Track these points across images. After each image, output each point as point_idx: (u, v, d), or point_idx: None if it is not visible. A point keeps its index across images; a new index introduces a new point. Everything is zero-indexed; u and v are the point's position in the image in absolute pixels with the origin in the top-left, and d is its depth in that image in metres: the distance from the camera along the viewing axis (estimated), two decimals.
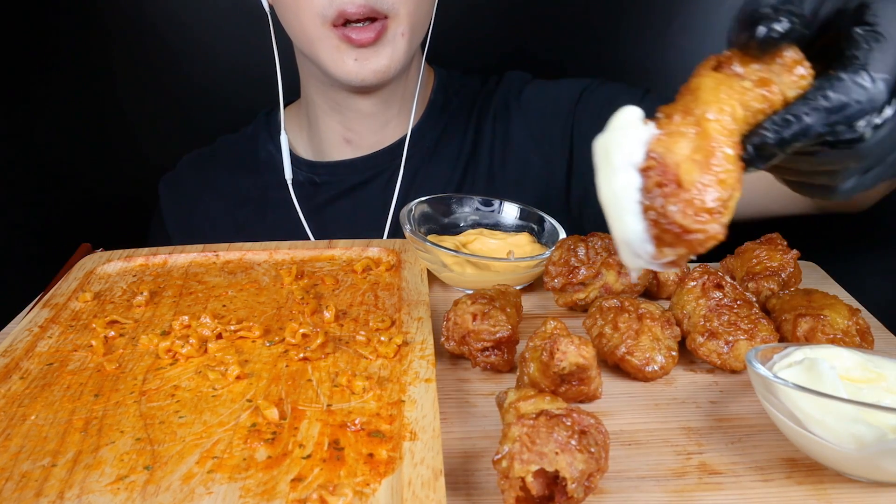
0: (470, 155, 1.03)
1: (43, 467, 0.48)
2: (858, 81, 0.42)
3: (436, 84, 1.06)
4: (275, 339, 0.63)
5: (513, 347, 0.62)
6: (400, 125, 1.02)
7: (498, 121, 1.04)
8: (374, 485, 0.46)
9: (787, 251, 0.71)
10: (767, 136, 0.43)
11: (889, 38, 0.42)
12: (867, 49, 0.42)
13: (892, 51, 0.42)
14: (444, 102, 1.05)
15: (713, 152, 0.41)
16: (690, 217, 0.41)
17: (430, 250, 0.73)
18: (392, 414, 0.52)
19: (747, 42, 0.43)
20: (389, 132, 1.02)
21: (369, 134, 1.02)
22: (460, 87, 1.07)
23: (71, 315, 0.68)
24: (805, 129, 0.42)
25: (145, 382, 0.57)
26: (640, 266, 0.44)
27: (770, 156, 0.43)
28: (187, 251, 0.78)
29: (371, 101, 0.98)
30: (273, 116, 1.09)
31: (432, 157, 1.03)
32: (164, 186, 1.11)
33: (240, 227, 1.05)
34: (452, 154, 1.03)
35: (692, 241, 0.41)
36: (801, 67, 0.43)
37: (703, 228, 0.41)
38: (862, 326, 0.62)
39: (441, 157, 1.03)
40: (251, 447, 0.49)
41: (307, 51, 0.92)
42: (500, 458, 0.44)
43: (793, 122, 0.42)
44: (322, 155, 1.05)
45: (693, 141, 0.42)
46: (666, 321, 0.62)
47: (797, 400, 0.48)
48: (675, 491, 0.48)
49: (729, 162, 0.42)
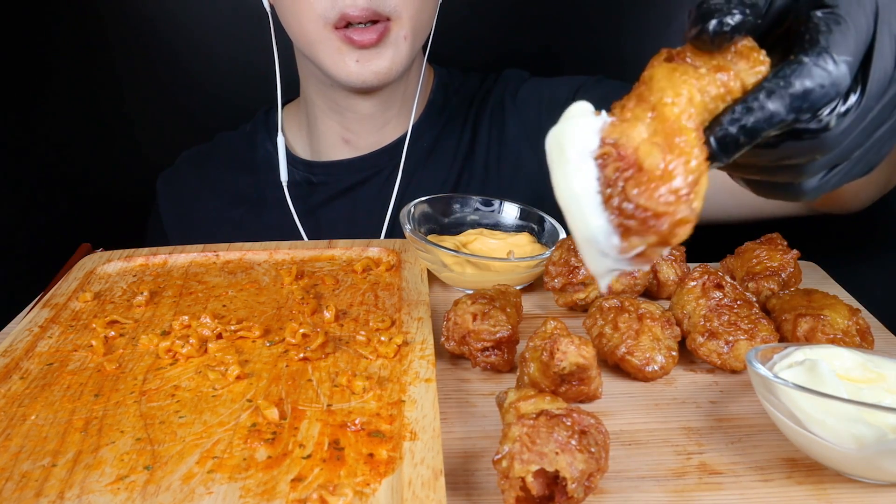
0: (466, 154, 1.03)
1: (43, 467, 0.48)
2: (821, 65, 0.40)
3: (435, 83, 1.06)
4: (275, 339, 0.63)
5: (513, 347, 0.62)
6: (398, 125, 1.02)
7: (494, 119, 1.04)
8: (374, 485, 0.46)
9: (788, 251, 0.71)
10: (729, 127, 0.41)
11: (849, 20, 0.41)
12: (828, 32, 0.41)
13: (852, 33, 0.41)
14: (443, 102, 1.05)
15: (674, 133, 0.39)
16: (655, 199, 0.38)
17: (430, 250, 0.73)
18: (392, 414, 0.52)
19: (699, 36, 0.42)
20: (388, 132, 1.02)
21: (368, 134, 1.02)
22: (460, 86, 1.07)
23: (71, 315, 0.68)
24: (769, 115, 0.40)
25: (145, 382, 0.57)
26: (608, 267, 0.42)
27: (734, 146, 0.41)
28: (187, 251, 0.78)
29: (371, 101, 0.98)
30: (272, 115, 1.09)
31: (429, 157, 1.03)
32: (162, 183, 1.11)
33: (236, 226, 1.05)
34: (449, 154, 1.03)
35: (660, 227, 0.39)
36: (757, 54, 0.42)
37: (671, 211, 0.38)
38: (862, 326, 0.62)
39: (438, 157, 1.03)
40: (251, 447, 0.49)
41: (308, 52, 0.92)
42: (500, 458, 0.44)
43: (755, 109, 0.40)
44: (320, 155, 1.05)
45: (650, 125, 0.40)
46: (666, 321, 0.62)
47: (797, 400, 0.48)
48: (675, 491, 0.48)
49: (692, 143, 0.39)
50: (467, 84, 1.08)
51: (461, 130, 1.04)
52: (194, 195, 1.09)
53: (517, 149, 1.03)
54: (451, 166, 1.03)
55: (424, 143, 1.03)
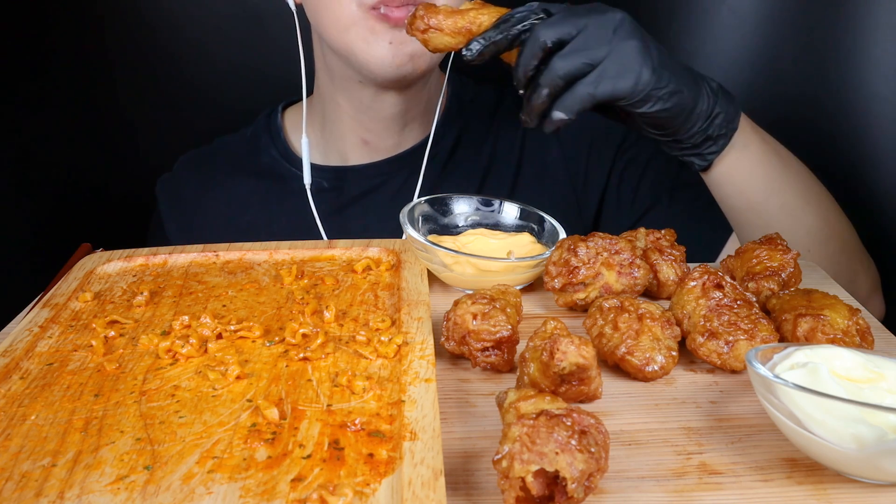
0: (487, 167, 1.03)
1: (43, 467, 0.48)
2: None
3: (450, 91, 1.06)
4: (275, 339, 0.63)
5: (513, 347, 0.62)
6: (417, 128, 1.02)
7: (528, 138, 1.05)
8: (374, 485, 0.46)
9: (788, 251, 0.71)
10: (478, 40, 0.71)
11: None
12: None
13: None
14: (458, 110, 1.05)
15: (460, 13, 0.74)
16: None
17: (430, 250, 0.73)
18: (392, 414, 0.52)
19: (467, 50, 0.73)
20: (407, 136, 1.02)
21: (388, 136, 1.01)
22: (474, 95, 1.07)
23: (71, 315, 0.68)
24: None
25: (145, 382, 0.57)
26: None
27: (484, 42, 0.71)
28: (187, 251, 0.78)
29: (397, 99, 0.97)
30: (273, 119, 1.08)
31: (446, 167, 1.03)
32: (162, 188, 1.10)
33: (243, 231, 1.03)
34: (468, 165, 1.03)
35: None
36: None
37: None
38: (862, 326, 0.62)
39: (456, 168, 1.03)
40: (251, 447, 0.49)
41: (340, 41, 0.90)
42: (500, 458, 0.44)
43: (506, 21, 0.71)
44: (334, 157, 1.04)
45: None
46: (666, 321, 0.62)
47: (797, 400, 0.48)
48: (675, 491, 0.48)
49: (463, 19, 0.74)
50: (483, 95, 1.08)
51: (481, 143, 1.04)
52: (197, 201, 1.07)
53: (555, 175, 1.04)
54: (469, 177, 1.03)
55: (442, 152, 1.03)
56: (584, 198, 1.04)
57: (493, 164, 1.04)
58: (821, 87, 1.06)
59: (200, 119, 1.27)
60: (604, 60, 0.70)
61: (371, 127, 1.00)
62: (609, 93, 0.70)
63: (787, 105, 1.10)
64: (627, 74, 0.70)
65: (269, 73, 1.26)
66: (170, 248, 0.79)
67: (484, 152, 1.04)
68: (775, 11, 1.13)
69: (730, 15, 1.18)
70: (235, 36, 1.26)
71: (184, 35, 1.27)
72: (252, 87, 1.27)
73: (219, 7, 1.26)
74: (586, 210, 1.04)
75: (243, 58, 1.27)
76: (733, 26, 1.17)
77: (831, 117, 1.05)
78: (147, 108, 1.29)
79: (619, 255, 0.69)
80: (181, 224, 1.08)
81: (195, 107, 1.29)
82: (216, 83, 1.29)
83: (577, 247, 0.70)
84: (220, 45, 1.27)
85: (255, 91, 1.25)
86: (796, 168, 0.85)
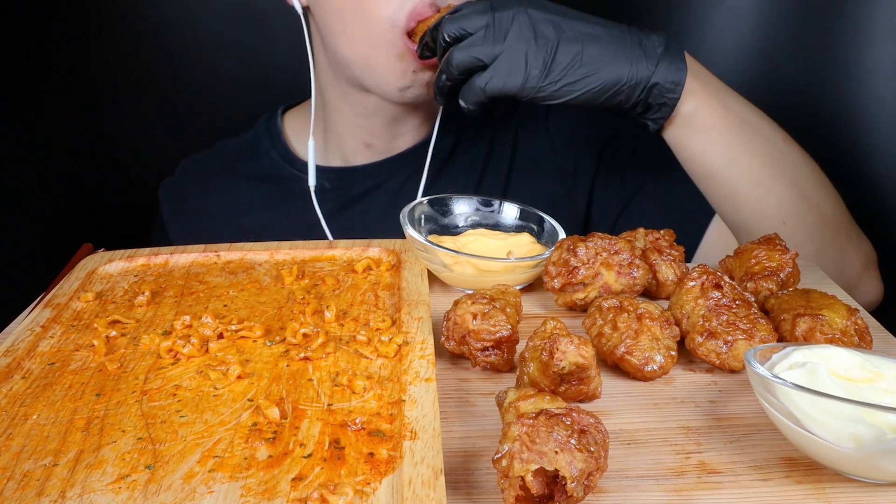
0: (483, 170, 1.04)
1: (44, 467, 0.48)
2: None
3: None
4: (276, 339, 0.63)
5: (513, 347, 0.62)
6: (416, 130, 1.03)
7: (521, 136, 1.06)
8: (374, 484, 0.46)
9: (786, 251, 0.71)
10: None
11: None
12: None
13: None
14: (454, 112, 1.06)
15: None
16: None
17: (430, 250, 0.73)
18: (392, 413, 0.53)
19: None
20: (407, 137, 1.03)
21: (391, 138, 1.02)
22: None
23: (73, 315, 0.68)
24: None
25: (147, 382, 0.57)
26: None
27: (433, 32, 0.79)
28: (188, 251, 0.79)
29: (399, 108, 0.99)
30: (273, 122, 1.08)
31: (445, 167, 1.03)
32: (165, 193, 1.11)
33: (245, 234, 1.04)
34: (466, 166, 1.04)
35: None
36: None
37: None
38: (860, 326, 0.62)
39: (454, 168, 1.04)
40: (252, 446, 0.50)
41: (361, 55, 0.91)
42: (499, 458, 0.45)
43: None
44: (337, 159, 1.05)
45: None
46: (665, 321, 0.62)
47: (796, 399, 0.48)
48: (674, 490, 0.49)
49: None
50: None
51: (478, 141, 1.05)
52: (198, 204, 1.08)
53: (545, 171, 1.05)
54: (468, 177, 1.03)
55: (440, 153, 1.03)
56: (574, 190, 1.04)
57: (490, 161, 1.05)
58: (820, 87, 1.07)
59: (201, 122, 1.28)
60: (498, 58, 0.74)
61: (373, 131, 1.01)
62: (499, 89, 0.75)
63: (787, 105, 1.11)
64: (516, 73, 0.74)
65: (269, 78, 1.26)
66: (171, 248, 0.79)
67: (481, 150, 1.05)
68: (775, 11, 1.13)
69: (730, 15, 1.18)
70: (236, 40, 1.27)
71: (185, 39, 1.28)
72: (252, 91, 1.27)
73: (220, 11, 1.27)
74: (577, 202, 1.04)
75: (244, 62, 1.27)
76: (733, 26, 1.18)
77: (830, 117, 1.05)
78: (148, 112, 1.30)
79: (618, 255, 0.69)
80: (184, 227, 1.08)
81: (196, 110, 1.29)
82: (217, 87, 1.29)
83: (576, 247, 0.70)
84: (221, 49, 1.28)
85: (255, 95, 1.25)
86: (768, 136, 0.83)
